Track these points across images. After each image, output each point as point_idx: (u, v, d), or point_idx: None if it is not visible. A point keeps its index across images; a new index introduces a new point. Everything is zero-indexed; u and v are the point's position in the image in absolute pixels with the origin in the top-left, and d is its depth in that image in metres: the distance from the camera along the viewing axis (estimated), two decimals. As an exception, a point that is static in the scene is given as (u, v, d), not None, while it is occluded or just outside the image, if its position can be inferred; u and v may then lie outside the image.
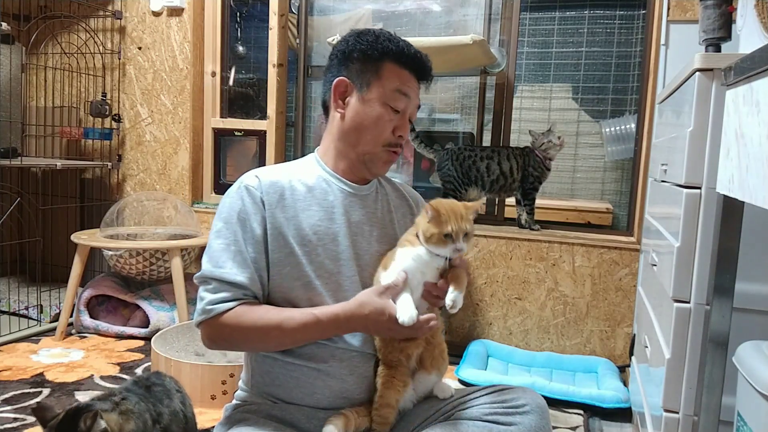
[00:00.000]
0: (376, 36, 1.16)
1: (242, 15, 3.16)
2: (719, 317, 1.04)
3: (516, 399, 1.11)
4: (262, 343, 1.10)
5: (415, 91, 1.18)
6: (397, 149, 1.19)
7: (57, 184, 3.09)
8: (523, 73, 3.31)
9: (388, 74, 1.15)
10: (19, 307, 2.68)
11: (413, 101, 1.18)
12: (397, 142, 1.18)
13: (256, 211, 1.12)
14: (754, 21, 1.25)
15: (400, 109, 1.16)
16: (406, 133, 1.19)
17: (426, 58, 1.19)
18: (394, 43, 1.16)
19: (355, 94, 1.16)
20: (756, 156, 0.80)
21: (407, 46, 1.17)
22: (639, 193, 2.34)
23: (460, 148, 2.59)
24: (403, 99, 1.16)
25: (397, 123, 1.16)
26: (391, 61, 1.15)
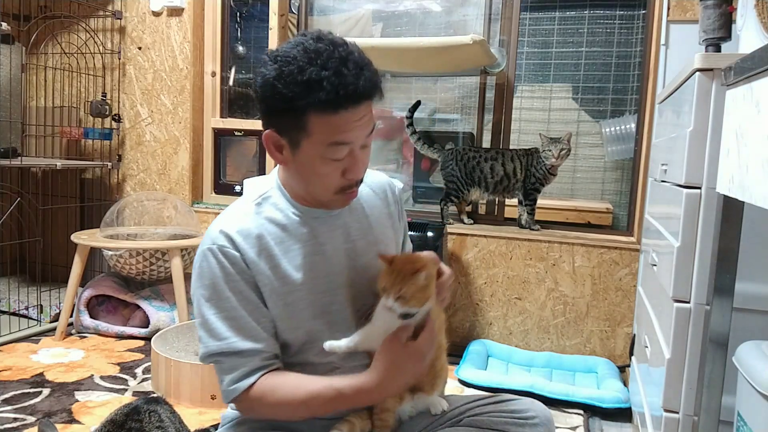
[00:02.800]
0: (293, 84, 0.93)
1: (242, 15, 3.16)
2: (719, 317, 1.04)
3: (525, 411, 1.09)
4: (292, 417, 1.06)
5: (358, 127, 0.98)
6: (353, 189, 1.05)
7: (57, 184, 3.09)
8: (523, 73, 3.31)
9: (316, 129, 0.96)
10: (19, 307, 2.68)
11: (359, 137, 0.99)
12: (350, 184, 1.04)
13: (240, 271, 1.03)
14: (754, 21, 1.25)
15: (341, 158, 0.99)
16: (360, 171, 1.03)
17: (365, 78, 0.96)
18: (315, 90, 0.93)
19: (288, 149, 1.01)
20: (756, 156, 0.80)
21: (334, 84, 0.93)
22: (639, 193, 2.34)
23: (465, 148, 2.60)
24: (341, 148, 0.98)
25: (344, 166, 1.00)
26: (316, 113, 0.94)
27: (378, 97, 1.01)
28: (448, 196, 2.57)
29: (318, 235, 1.09)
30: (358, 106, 0.96)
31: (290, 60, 0.94)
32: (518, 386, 2.03)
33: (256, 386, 1.01)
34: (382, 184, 1.23)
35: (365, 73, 0.96)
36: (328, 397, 0.99)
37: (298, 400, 1.00)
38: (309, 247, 1.08)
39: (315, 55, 0.94)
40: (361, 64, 0.97)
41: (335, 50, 0.95)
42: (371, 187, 1.20)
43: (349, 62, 0.95)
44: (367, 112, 0.99)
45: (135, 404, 1.21)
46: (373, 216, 1.17)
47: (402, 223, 1.26)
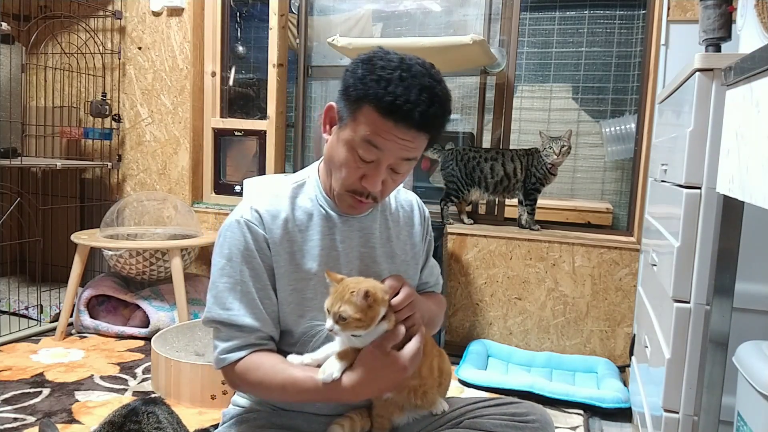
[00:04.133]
0: (369, 69, 0.98)
1: (242, 15, 3.16)
2: (719, 317, 1.04)
3: (526, 414, 1.10)
4: (268, 397, 1.11)
5: (396, 144, 0.99)
6: (362, 198, 1.06)
7: (57, 184, 3.09)
8: (523, 73, 3.31)
9: (362, 119, 0.99)
10: (19, 307, 2.68)
11: (391, 154, 1.00)
12: (362, 191, 1.05)
13: (260, 249, 1.06)
14: (754, 21, 1.25)
15: (368, 160, 1.01)
16: (376, 185, 1.03)
17: (428, 111, 0.98)
18: (381, 87, 0.96)
19: (336, 126, 1.06)
20: (756, 156, 0.80)
21: (400, 94, 0.96)
22: (639, 193, 2.34)
23: (465, 148, 2.60)
24: (373, 151, 0.99)
25: (366, 172, 1.02)
26: (370, 105, 0.98)
27: (431, 135, 1.03)
28: (448, 196, 2.58)
29: (337, 232, 1.11)
30: (407, 128, 0.98)
31: (387, 58, 1.00)
32: (518, 386, 2.03)
33: (244, 361, 1.04)
34: (411, 203, 1.25)
35: (431, 109, 0.98)
36: (304, 387, 1.00)
37: (277, 382, 1.02)
38: (327, 241, 1.11)
39: (406, 68, 0.98)
40: (435, 100, 0.99)
41: (425, 77, 0.99)
42: (400, 203, 1.23)
43: (427, 91, 0.98)
44: (414, 140, 1.00)
45: (133, 405, 1.21)
46: (395, 229, 1.19)
47: (425, 246, 1.25)
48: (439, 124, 1.02)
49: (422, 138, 1.02)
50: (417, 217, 1.24)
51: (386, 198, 1.18)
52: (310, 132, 3.13)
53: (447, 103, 1.02)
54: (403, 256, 1.19)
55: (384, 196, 1.10)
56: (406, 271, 1.18)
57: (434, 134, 1.04)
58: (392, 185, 1.08)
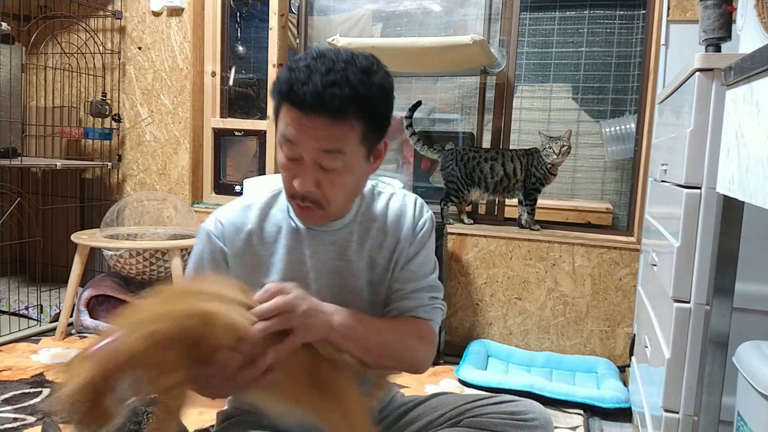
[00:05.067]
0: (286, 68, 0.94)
1: (242, 15, 3.16)
2: (719, 317, 1.04)
3: (525, 413, 1.08)
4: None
5: (305, 133, 0.92)
6: (301, 203, 0.99)
7: (57, 184, 3.09)
8: (523, 73, 3.31)
9: (281, 116, 0.96)
10: (19, 307, 2.68)
11: (305, 146, 0.93)
12: (296, 194, 0.98)
13: (215, 261, 1.06)
14: (754, 21, 1.25)
15: (291, 157, 0.96)
16: (304, 184, 0.96)
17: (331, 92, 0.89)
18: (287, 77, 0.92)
19: None
20: (756, 156, 0.80)
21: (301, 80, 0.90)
22: (639, 193, 2.34)
23: (465, 148, 2.60)
24: (290, 146, 0.95)
25: (294, 172, 0.97)
26: (284, 101, 0.94)
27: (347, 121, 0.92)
28: (448, 196, 2.58)
29: (305, 246, 1.07)
30: (312, 113, 0.91)
31: (311, 50, 0.97)
32: (518, 386, 2.03)
33: None
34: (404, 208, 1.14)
35: (332, 89, 0.89)
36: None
37: None
38: (293, 255, 1.07)
39: (319, 55, 0.94)
40: (339, 81, 0.90)
41: (338, 62, 0.92)
42: (392, 210, 1.13)
43: (332, 73, 0.90)
44: (327, 128, 0.91)
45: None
46: (378, 239, 1.11)
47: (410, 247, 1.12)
48: (352, 107, 0.91)
49: (338, 125, 0.92)
50: (407, 222, 1.13)
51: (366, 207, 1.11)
52: (310, 132, 3.12)
53: (361, 84, 0.92)
54: (386, 264, 1.11)
55: (330, 201, 0.99)
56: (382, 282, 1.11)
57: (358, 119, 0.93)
58: (332, 187, 0.98)
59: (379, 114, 0.97)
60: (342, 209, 1.07)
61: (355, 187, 1.04)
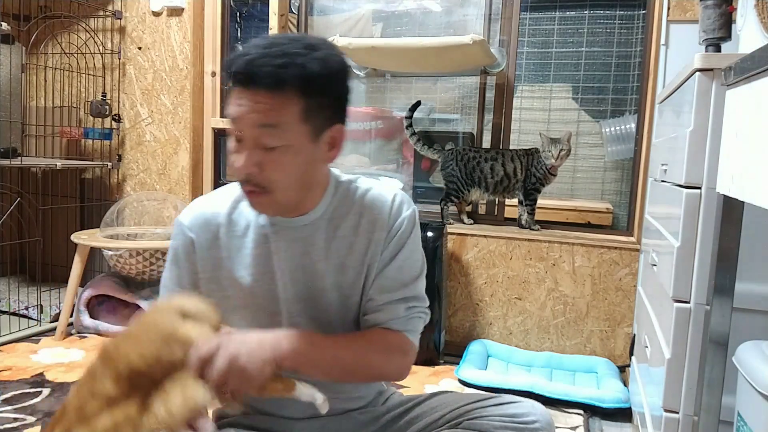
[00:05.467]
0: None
1: (242, 15, 3.16)
2: (719, 317, 1.04)
3: (526, 415, 1.06)
4: None
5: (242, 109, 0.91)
6: (246, 187, 0.96)
7: (57, 184, 3.09)
8: (523, 73, 3.31)
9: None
10: (19, 307, 2.68)
11: (242, 122, 0.91)
12: (239, 177, 0.96)
13: (187, 252, 1.06)
14: (754, 21, 1.25)
15: (236, 138, 0.94)
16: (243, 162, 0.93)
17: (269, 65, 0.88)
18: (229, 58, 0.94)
19: None
20: (756, 156, 0.80)
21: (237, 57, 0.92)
22: (639, 193, 2.34)
23: (465, 148, 2.60)
24: (231, 125, 0.94)
25: (238, 152, 0.94)
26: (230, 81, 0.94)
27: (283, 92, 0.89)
28: (448, 196, 2.58)
29: (270, 241, 1.04)
30: (246, 84, 0.90)
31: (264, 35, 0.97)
32: (518, 386, 2.03)
33: None
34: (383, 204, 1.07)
35: (270, 59, 0.89)
36: None
37: None
38: (260, 250, 1.04)
39: (269, 35, 0.95)
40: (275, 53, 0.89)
41: (282, 40, 0.92)
42: (366, 206, 1.06)
43: (271, 47, 0.91)
44: (261, 99, 0.89)
45: None
46: (348, 239, 1.05)
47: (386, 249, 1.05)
48: (282, 77, 0.88)
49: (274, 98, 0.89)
50: (382, 221, 1.05)
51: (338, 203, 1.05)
52: (310, 132, 3.13)
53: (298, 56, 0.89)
54: (357, 269, 1.05)
55: (274, 184, 0.94)
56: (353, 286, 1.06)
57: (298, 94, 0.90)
58: (275, 168, 0.93)
59: (321, 89, 0.92)
60: (294, 198, 0.99)
61: (304, 174, 0.97)
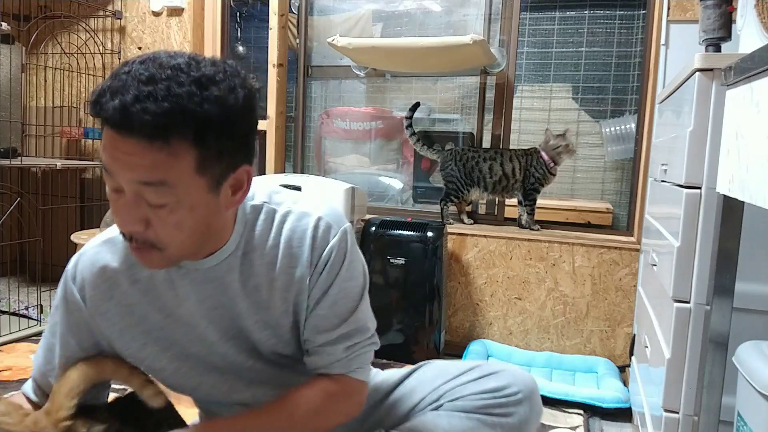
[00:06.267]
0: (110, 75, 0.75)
1: (242, 15, 3.16)
2: (719, 317, 1.04)
3: (507, 387, 1.04)
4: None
5: (120, 161, 0.73)
6: (131, 243, 0.82)
7: (57, 184, 3.09)
8: (523, 73, 3.31)
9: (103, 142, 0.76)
10: (19, 307, 2.68)
11: (120, 175, 0.75)
12: (120, 230, 0.82)
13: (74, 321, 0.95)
14: (754, 21, 1.25)
15: (112, 189, 0.78)
16: (125, 220, 0.78)
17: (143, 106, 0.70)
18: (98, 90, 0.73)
19: None
20: (756, 156, 0.80)
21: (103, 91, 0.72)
22: (639, 193, 2.34)
23: (464, 148, 2.60)
24: (106, 174, 0.77)
25: (118, 206, 0.78)
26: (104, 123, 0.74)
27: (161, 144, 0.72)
28: (447, 196, 2.58)
29: (178, 287, 0.92)
30: (120, 133, 0.72)
31: (140, 56, 0.77)
32: (518, 386, 2.03)
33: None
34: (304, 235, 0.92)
35: (149, 104, 0.70)
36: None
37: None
38: (168, 295, 0.93)
39: (151, 56, 0.76)
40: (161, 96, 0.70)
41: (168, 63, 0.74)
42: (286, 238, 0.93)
43: (154, 82, 0.71)
44: (139, 154, 0.72)
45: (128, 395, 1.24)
46: (268, 276, 0.93)
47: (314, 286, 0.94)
48: (164, 127, 0.71)
49: (157, 152, 0.72)
50: (304, 256, 0.92)
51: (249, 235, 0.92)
52: (310, 132, 3.13)
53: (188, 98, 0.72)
54: (282, 307, 0.94)
55: (166, 242, 0.80)
56: (281, 325, 0.96)
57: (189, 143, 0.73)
58: (165, 227, 0.78)
59: (219, 135, 0.75)
60: (192, 249, 0.85)
61: (202, 227, 0.82)
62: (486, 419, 1.02)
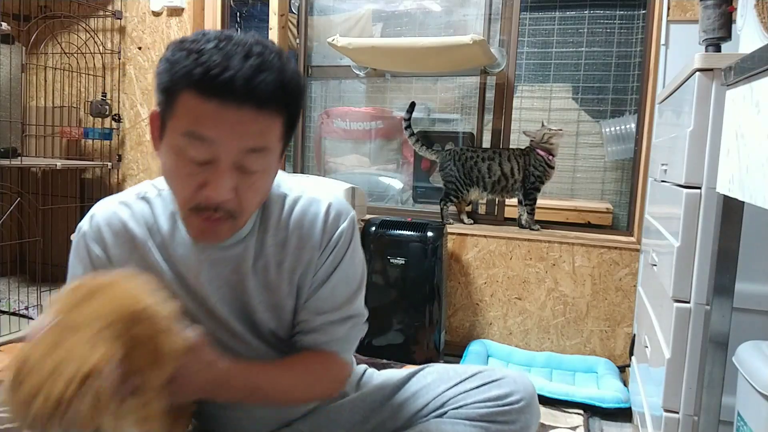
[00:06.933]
0: (182, 50, 0.78)
1: (242, 15, 3.16)
2: (719, 317, 1.04)
3: (510, 394, 1.05)
4: None
5: (227, 129, 0.76)
6: (209, 215, 0.81)
7: (57, 184, 3.09)
8: (523, 73, 3.31)
9: (181, 109, 0.77)
10: (19, 307, 2.68)
11: (226, 145, 0.77)
12: (206, 204, 0.80)
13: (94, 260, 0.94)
14: (754, 21, 1.25)
15: (202, 161, 0.79)
16: (220, 191, 0.79)
17: (259, 78, 0.75)
18: (194, 61, 0.75)
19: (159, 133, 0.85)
20: (756, 156, 0.80)
21: (216, 63, 0.74)
22: (639, 193, 2.34)
23: (463, 148, 2.60)
24: (202, 146, 0.77)
25: (205, 178, 0.79)
26: (187, 90, 0.76)
27: (277, 112, 0.79)
28: (447, 196, 2.58)
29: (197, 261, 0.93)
30: (237, 104, 0.76)
31: (202, 33, 0.80)
32: (518, 386, 2.03)
33: None
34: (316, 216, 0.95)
35: (267, 75, 0.76)
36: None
37: None
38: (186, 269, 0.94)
39: (225, 37, 0.78)
40: (267, 66, 0.76)
41: (250, 44, 0.77)
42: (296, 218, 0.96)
43: (255, 56, 0.76)
44: (254, 121, 0.77)
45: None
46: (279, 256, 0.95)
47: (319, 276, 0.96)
48: (280, 95, 0.78)
49: (264, 118, 0.78)
50: (315, 237, 0.95)
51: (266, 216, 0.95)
52: (310, 132, 3.13)
53: (285, 69, 0.79)
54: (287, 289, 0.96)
55: (245, 209, 0.84)
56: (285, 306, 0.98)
57: (283, 110, 0.80)
58: (250, 193, 0.82)
59: (298, 107, 0.84)
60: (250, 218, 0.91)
61: (268, 192, 0.90)
62: (490, 427, 1.03)
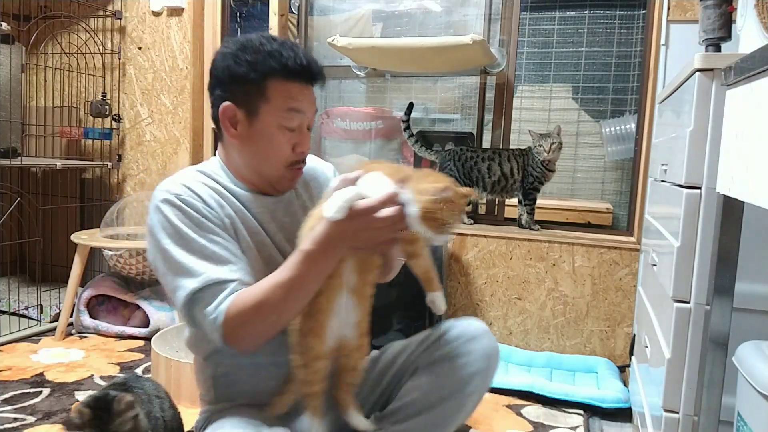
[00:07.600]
0: (255, 53, 1.08)
1: (242, 15, 3.16)
2: (719, 317, 1.04)
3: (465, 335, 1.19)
4: (277, 312, 1.01)
5: (308, 101, 1.13)
6: (300, 165, 1.17)
7: (57, 184, 3.09)
8: (523, 73, 3.31)
9: (275, 94, 1.09)
10: (19, 307, 2.68)
11: (308, 112, 1.13)
12: (299, 158, 1.15)
13: (203, 215, 1.08)
14: (754, 21, 1.25)
15: (295, 127, 1.12)
16: (307, 146, 1.15)
17: (313, 60, 1.12)
18: (275, 58, 1.08)
19: (245, 120, 1.11)
20: (756, 156, 0.80)
21: (292, 56, 1.08)
22: (639, 193, 2.34)
23: (462, 149, 2.60)
24: (296, 116, 1.11)
25: (295, 140, 1.13)
26: (275, 79, 1.08)
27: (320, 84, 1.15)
28: (448, 196, 2.57)
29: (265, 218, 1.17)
30: (309, 83, 1.12)
31: (250, 39, 1.11)
32: (518, 386, 2.03)
33: (234, 301, 1.01)
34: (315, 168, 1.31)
35: (313, 59, 1.12)
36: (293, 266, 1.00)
37: (272, 289, 1.00)
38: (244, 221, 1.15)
39: (272, 38, 1.11)
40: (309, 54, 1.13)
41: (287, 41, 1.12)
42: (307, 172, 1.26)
43: (300, 50, 1.11)
44: (313, 95, 1.14)
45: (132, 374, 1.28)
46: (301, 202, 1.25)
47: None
48: (323, 73, 1.15)
49: (314, 90, 1.15)
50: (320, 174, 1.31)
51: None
52: (310, 132, 3.13)
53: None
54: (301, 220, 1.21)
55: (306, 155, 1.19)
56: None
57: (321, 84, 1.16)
58: (308, 143, 1.17)
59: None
60: None
61: None
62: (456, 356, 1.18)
